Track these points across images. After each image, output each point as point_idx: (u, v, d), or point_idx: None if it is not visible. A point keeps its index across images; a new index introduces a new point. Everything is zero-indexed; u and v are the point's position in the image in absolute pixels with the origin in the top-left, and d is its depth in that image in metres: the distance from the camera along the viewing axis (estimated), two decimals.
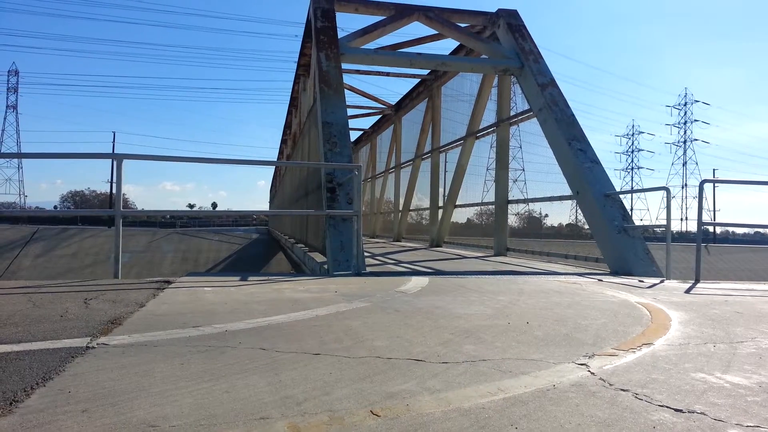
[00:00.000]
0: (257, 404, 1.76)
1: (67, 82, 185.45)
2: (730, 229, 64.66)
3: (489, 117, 11.73)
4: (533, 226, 11.53)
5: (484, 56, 10.26)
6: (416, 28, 10.42)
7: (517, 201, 10.86)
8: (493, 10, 10.43)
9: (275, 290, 4.57)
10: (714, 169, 63.73)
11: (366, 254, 8.62)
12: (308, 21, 10.02)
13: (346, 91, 9.21)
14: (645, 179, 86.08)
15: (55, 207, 74.51)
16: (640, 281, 5.97)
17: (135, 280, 5.14)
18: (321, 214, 7.43)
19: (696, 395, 1.92)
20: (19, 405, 1.73)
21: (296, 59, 12.50)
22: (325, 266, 6.69)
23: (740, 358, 2.49)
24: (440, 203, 14.03)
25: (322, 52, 8.54)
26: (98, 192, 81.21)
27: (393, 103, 17.72)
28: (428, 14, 9.92)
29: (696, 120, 79.86)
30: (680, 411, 1.75)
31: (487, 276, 6.30)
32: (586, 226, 8.29)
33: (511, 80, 10.67)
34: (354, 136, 22.68)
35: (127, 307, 3.49)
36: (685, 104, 79.70)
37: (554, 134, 8.49)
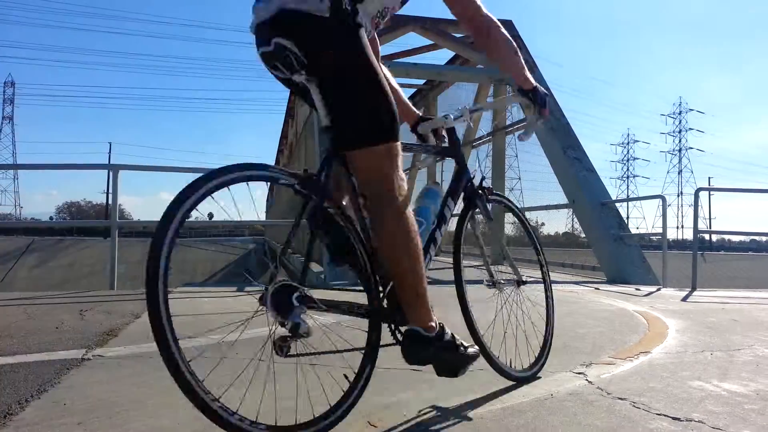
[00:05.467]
0: (254, 415, 1.74)
1: (64, 93, 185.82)
2: (726, 236, 64.84)
3: (485, 126, 11.79)
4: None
5: (479, 66, 10.33)
6: (412, 39, 10.51)
7: None
8: None
9: None
10: (709, 178, 64.07)
11: None
12: None
13: None
14: (640, 188, 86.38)
15: (51, 218, 74.28)
16: (636, 289, 5.97)
17: (131, 291, 5.11)
18: None
19: (694, 403, 1.92)
20: (14, 418, 1.71)
21: None
22: (322, 276, 6.68)
23: (737, 365, 2.49)
24: None
25: None
26: (94, 203, 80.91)
27: None
28: (424, 25, 9.99)
29: (691, 128, 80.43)
30: (678, 419, 1.75)
31: (483, 285, 6.28)
32: (583, 235, 8.31)
33: (507, 90, 10.73)
34: None
35: (122, 318, 3.47)
36: (680, 113, 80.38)
37: (550, 143, 8.54)
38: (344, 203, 1.75)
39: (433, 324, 1.75)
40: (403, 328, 1.72)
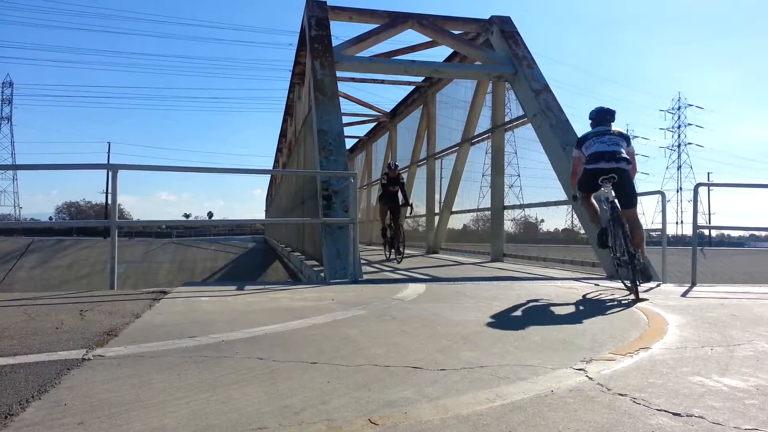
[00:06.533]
0: (255, 414, 1.75)
1: (62, 93, 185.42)
2: (725, 231, 64.76)
3: (484, 123, 11.76)
4: (529, 232, 11.54)
5: (477, 63, 10.30)
6: (410, 36, 10.48)
7: (513, 206, 10.87)
8: (486, 17, 10.50)
9: (272, 299, 4.56)
10: (708, 173, 64.00)
11: (362, 262, 8.61)
12: (302, 30, 10.06)
13: (341, 98, 9.22)
14: (639, 183, 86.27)
15: (51, 218, 74.17)
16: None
17: (131, 291, 5.12)
18: (317, 222, 7.43)
19: (694, 399, 1.92)
20: (15, 418, 1.71)
21: (291, 68, 12.53)
22: (322, 274, 6.68)
23: (737, 361, 2.50)
24: (436, 210, 14.03)
25: (316, 60, 8.56)
26: (93, 203, 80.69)
27: (388, 111, 17.75)
28: (422, 22, 9.96)
29: (690, 124, 79.99)
30: (678, 415, 1.75)
31: (483, 282, 6.30)
32: (582, 231, 8.30)
33: (506, 86, 10.70)
34: (349, 143, 22.65)
35: (123, 318, 3.47)
36: (679, 108, 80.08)
37: (549, 139, 8.52)
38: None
39: (648, 259, 5.71)
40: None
